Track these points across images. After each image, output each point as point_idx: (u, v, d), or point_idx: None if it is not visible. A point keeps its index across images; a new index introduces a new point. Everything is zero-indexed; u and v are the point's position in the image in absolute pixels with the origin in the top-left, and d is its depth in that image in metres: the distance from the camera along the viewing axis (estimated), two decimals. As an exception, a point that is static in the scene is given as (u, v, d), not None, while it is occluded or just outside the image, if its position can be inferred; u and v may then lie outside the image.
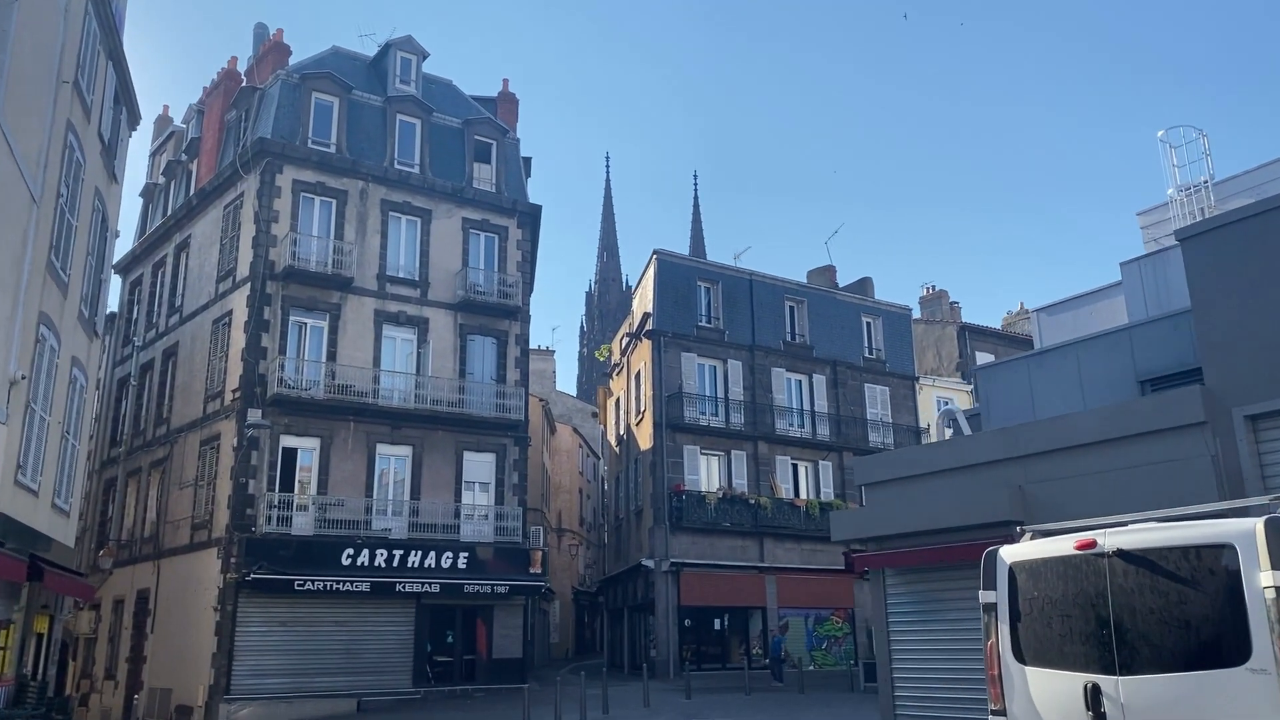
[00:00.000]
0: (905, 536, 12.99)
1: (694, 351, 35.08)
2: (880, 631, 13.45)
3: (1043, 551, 6.89)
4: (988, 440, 12.15)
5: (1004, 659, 6.87)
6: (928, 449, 13.35)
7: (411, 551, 26.96)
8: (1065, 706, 6.23)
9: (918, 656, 12.99)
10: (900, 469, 13.32)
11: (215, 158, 31.38)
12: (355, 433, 27.43)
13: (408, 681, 26.53)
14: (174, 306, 31.88)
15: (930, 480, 12.86)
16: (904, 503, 13.06)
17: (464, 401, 29.00)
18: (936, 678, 12.63)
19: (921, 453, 13.20)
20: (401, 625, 26.89)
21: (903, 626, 13.21)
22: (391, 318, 28.89)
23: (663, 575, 32.10)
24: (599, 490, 63.85)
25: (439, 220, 30.47)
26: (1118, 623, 6.12)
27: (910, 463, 13.22)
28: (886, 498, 13.43)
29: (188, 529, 27.58)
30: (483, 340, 30.36)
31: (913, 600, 13.13)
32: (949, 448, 12.68)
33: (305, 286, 27.63)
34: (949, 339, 44.05)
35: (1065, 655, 6.39)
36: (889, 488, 13.43)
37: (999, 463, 11.98)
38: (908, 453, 13.84)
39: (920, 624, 12.99)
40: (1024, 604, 6.88)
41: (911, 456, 13.34)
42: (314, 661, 25.39)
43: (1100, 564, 6.35)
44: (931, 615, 12.87)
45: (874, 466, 14.11)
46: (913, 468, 13.10)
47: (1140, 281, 18.07)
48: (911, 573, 13.08)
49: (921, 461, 13.01)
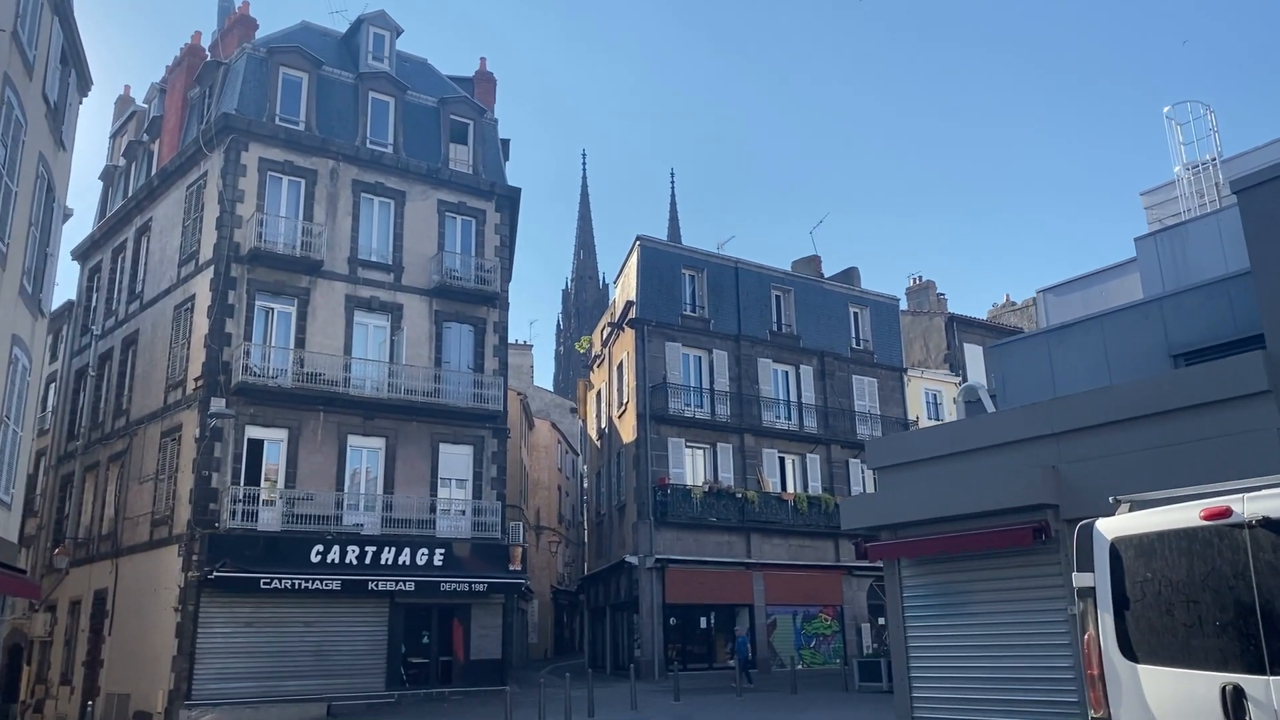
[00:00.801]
0: (923, 524, 11.92)
1: (678, 341, 33.96)
2: (896, 627, 12.38)
3: (1155, 524, 5.69)
4: (1017, 417, 11.11)
5: (1108, 655, 5.70)
6: (948, 429, 12.29)
7: (385, 548, 25.66)
8: (1196, 713, 5.07)
9: (938, 653, 11.93)
10: (917, 450, 12.25)
11: (178, 137, 29.92)
12: (325, 423, 26.09)
13: (381, 684, 25.23)
14: (134, 293, 30.37)
15: (951, 462, 11.79)
16: (922, 487, 11.99)
17: (440, 391, 27.72)
18: (959, 676, 11.58)
19: (941, 433, 12.15)
20: (374, 625, 25.58)
21: (921, 621, 12.15)
22: (363, 303, 27.57)
23: (647, 572, 30.95)
24: (578, 487, 62.63)
25: (413, 202, 29.16)
26: (1266, 609, 5.00)
27: (928, 444, 12.15)
28: (902, 482, 12.36)
29: (147, 525, 26.14)
30: (459, 328, 29.09)
31: (932, 592, 12.07)
32: (972, 426, 11.63)
33: (272, 270, 26.26)
34: (936, 330, 43.19)
35: (1193, 650, 5.24)
36: (905, 471, 12.36)
37: (1030, 441, 10.94)
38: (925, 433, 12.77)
39: (941, 618, 11.92)
40: (1133, 588, 5.69)
41: (930, 437, 12.29)
42: (281, 664, 24.03)
43: (1239, 536, 5.19)
44: (953, 608, 11.81)
45: (888, 449, 13.02)
46: (931, 449, 12.03)
47: (1157, 257, 17.12)
48: (930, 563, 12.02)
49: (941, 442, 11.94)
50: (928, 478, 11.96)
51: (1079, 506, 10.62)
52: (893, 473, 12.49)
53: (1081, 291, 19.50)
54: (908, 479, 12.26)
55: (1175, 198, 23.38)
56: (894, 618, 12.42)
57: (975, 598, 11.52)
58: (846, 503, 12.90)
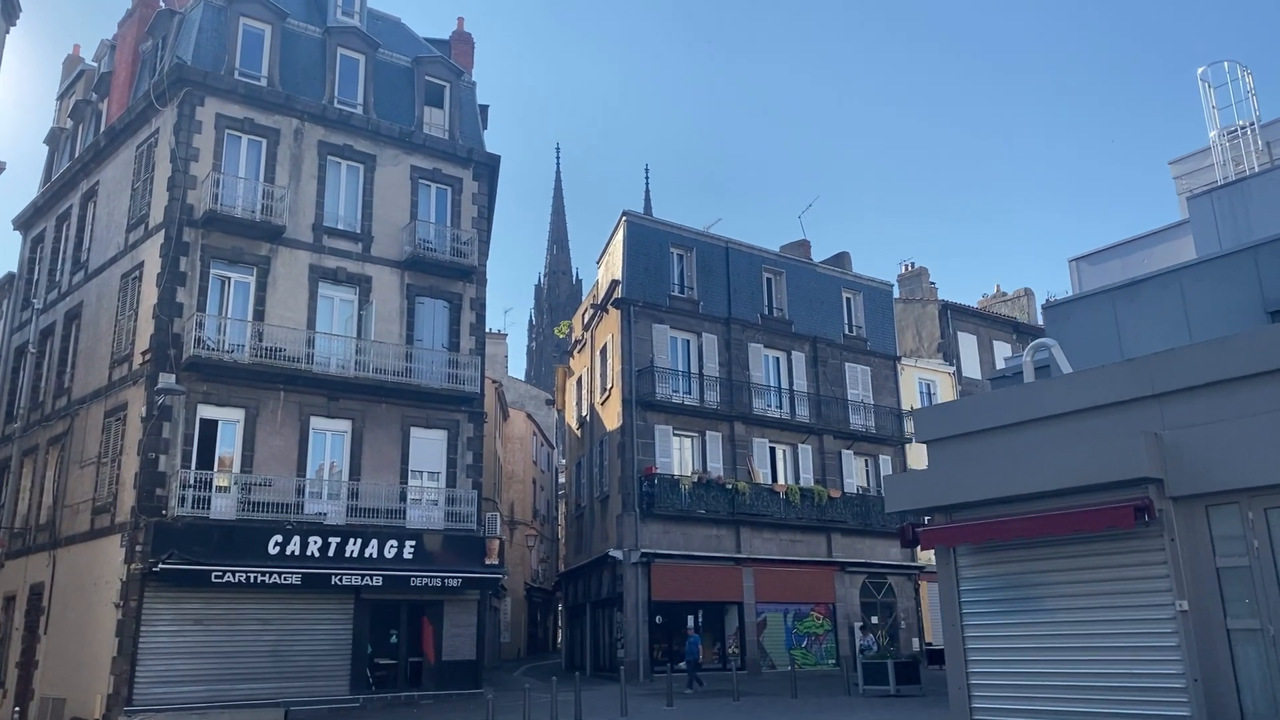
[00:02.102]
0: (987, 505, 10.11)
1: (666, 323, 32.05)
2: (952, 624, 10.56)
3: None
4: (1109, 376, 9.33)
5: None
6: (1017, 393, 10.45)
7: (350, 539, 23.56)
8: None
9: (1005, 657, 10.12)
10: (979, 419, 10.43)
11: (128, 94, 27.56)
12: (286, 403, 23.93)
13: (345, 687, 23.12)
14: (79, 262, 27.99)
15: (1023, 432, 9.99)
16: (986, 462, 10.18)
17: (411, 371, 25.62)
18: (1033, 685, 9.78)
19: (1008, 398, 10.32)
20: (337, 623, 23.46)
21: (983, 619, 10.33)
22: (329, 274, 25.41)
23: (632, 567, 29.02)
24: (553, 482, 60.60)
25: (384, 167, 27.03)
26: None
27: (993, 411, 10.33)
28: (960, 457, 10.54)
29: (88, 514, 23.85)
30: (433, 303, 26.99)
31: (997, 585, 10.26)
32: (1048, 389, 9.83)
33: (229, 236, 24.06)
34: (930, 318, 41.59)
35: None
36: (963, 444, 10.53)
37: (1128, 404, 9.17)
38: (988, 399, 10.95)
39: (1009, 615, 10.12)
40: None
41: (994, 404, 10.47)
42: (234, 666, 21.86)
43: None
44: (1025, 604, 10.00)
45: (941, 419, 11.18)
46: (997, 417, 10.21)
47: (1213, 216, 15.46)
48: (996, 550, 10.21)
49: (1009, 409, 10.13)
50: (993, 451, 10.15)
51: (1187, 481, 8.88)
52: (947, 446, 10.67)
53: (1121, 259, 17.83)
54: (967, 453, 10.44)
55: (1209, 165, 21.81)
56: (949, 615, 10.60)
57: (1054, 591, 9.72)
58: (892, 481, 11.07)
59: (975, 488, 10.11)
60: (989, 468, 10.04)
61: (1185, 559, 8.77)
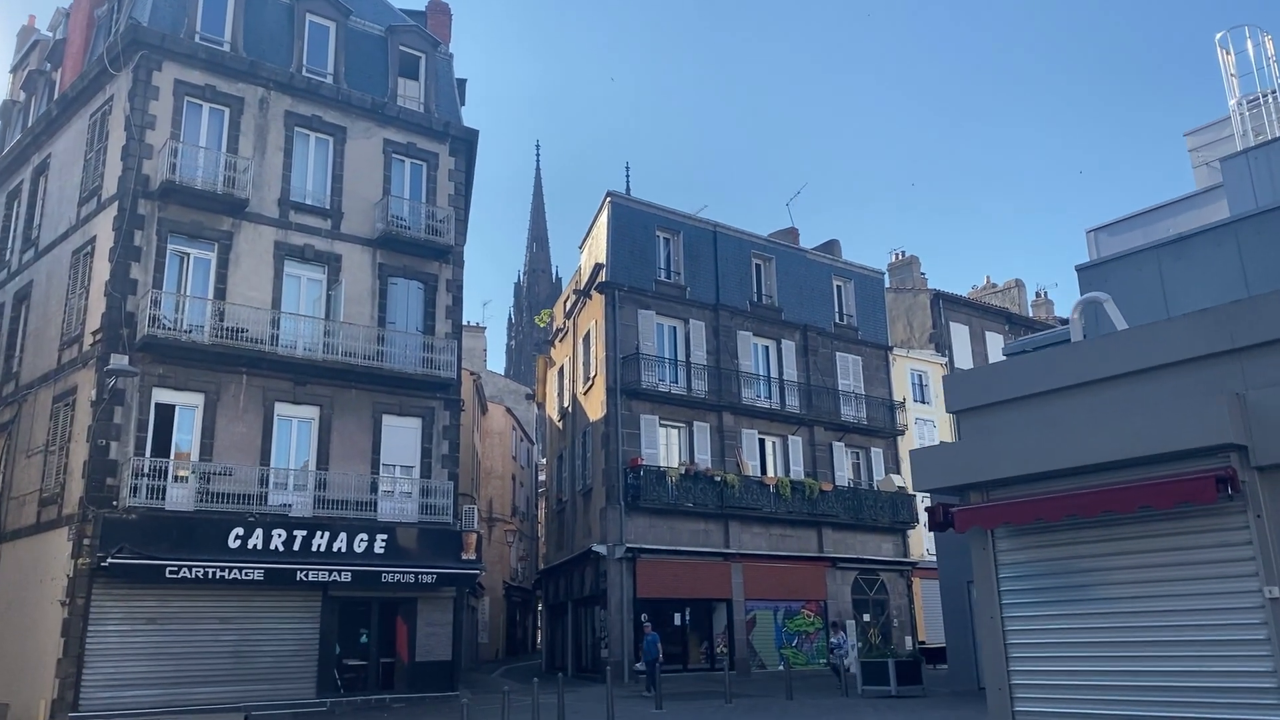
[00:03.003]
0: (1030, 481, 8.84)
1: (652, 309, 30.73)
2: (990, 616, 9.28)
3: None
4: (1181, 330, 8.08)
5: None
6: (1066, 353, 9.17)
7: (317, 532, 22.09)
8: None
9: (1053, 653, 8.86)
10: (1022, 383, 9.15)
11: (82, 61, 25.96)
12: (249, 388, 22.43)
13: (311, 690, 21.64)
14: (29, 240, 26.34)
15: (1075, 396, 8.72)
16: (1030, 432, 8.91)
17: (383, 354, 24.17)
18: (1088, 684, 8.51)
19: (1056, 359, 9.04)
20: (303, 622, 21.97)
21: (1026, 610, 9.06)
22: (296, 252, 23.92)
23: (616, 563, 27.67)
24: (533, 478, 59.12)
25: (355, 140, 25.55)
26: None
27: (1039, 373, 9.04)
28: (999, 426, 9.26)
29: (35, 505, 22.26)
30: (407, 284, 25.55)
31: (1044, 571, 8.99)
32: (1108, 347, 8.57)
33: (188, 209, 22.53)
34: (921, 308, 40.49)
35: None
36: (1002, 412, 9.26)
37: (1201, 361, 7.93)
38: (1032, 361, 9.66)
39: (1058, 605, 8.85)
40: None
41: (1040, 365, 9.18)
42: (191, 668, 20.35)
43: None
44: (1078, 592, 8.73)
45: (976, 385, 9.88)
46: (1044, 380, 8.94)
47: (1249, 177, 14.29)
48: (1042, 532, 8.94)
49: (1058, 370, 8.86)
50: (1039, 419, 8.88)
51: (1277, 447, 7.60)
52: (984, 415, 9.40)
53: (1144, 228, 16.66)
54: (1007, 423, 9.18)
55: (1228, 136, 20.70)
56: (985, 605, 9.33)
57: (1111, 577, 8.45)
58: (920, 455, 9.79)
59: (1018, 461, 8.86)
60: (1034, 438, 8.79)
61: (1274, 538, 7.55)
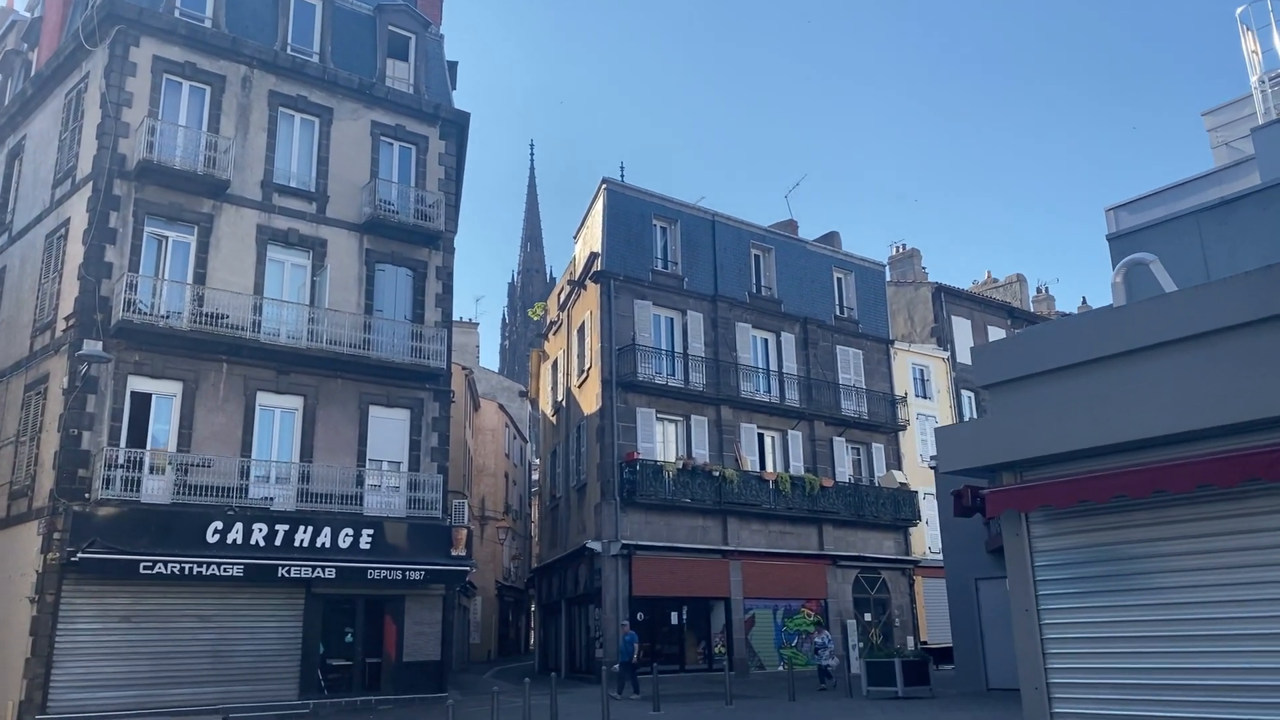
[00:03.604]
0: (1070, 459, 8.01)
1: (649, 300, 29.87)
2: (1025, 610, 8.43)
3: None
4: (1244, 288, 7.27)
5: None
6: (1109, 317, 8.34)
7: (300, 527, 21.20)
8: None
9: (1094, 649, 8.01)
10: (1060, 353, 8.32)
11: (58, 37, 25.03)
12: (230, 376, 21.54)
13: (293, 691, 20.76)
14: (3, 224, 25.39)
15: (1122, 365, 7.88)
16: (1070, 405, 8.08)
17: (370, 343, 23.29)
18: (1139, 684, 7.67)
19: (1099, 324, 8.21)
20: (286, 620, 21.09)
21: (1065, 602, 8.23)
22: (279, 236, 23.03)
23: (612, 560, 26.80)
24: (526, 477, 58.21)
25: (342, 122, 24.68)
26: None
27: (1081, 339, 8.19)
28: (1034, 400, 8.42)
29: (4, 499, 21.35)
30: (395, 270, 24.67)
31: (1085, 559, 8.16)
32: (1161, 309, 7.73)
33: (167, 190, 21.64)
34: (922, 301, 39.69)
35: None
36: (1037, 385, 8.42)
37: (1268, 323, 7.10)
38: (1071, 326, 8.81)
39: (1099, 595, 8.01)
40: None
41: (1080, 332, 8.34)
42: (167, 668, 19.46)
43: None
44: (1121, 582, 7.90)
45: (1008, 355, 9.02)
46: (1086, 348, 8.10)
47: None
48: (1084, 515, 8.10)
49: (1103, 336, 8.02)
50: (1080, 391, 8.05)
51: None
52: (1018, 388, 8.56)
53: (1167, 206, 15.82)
54: (1045, 395, 8.34)
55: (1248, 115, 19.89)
56: (1020, 597, 8.49)
57: (1167, 564, 7.62)
58: (946, 433, 8.96)
59: (1058, 437, 8.03)
60: (1076, 412, 7.96)
61: (1353, 518, 6.76)
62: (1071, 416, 8.10)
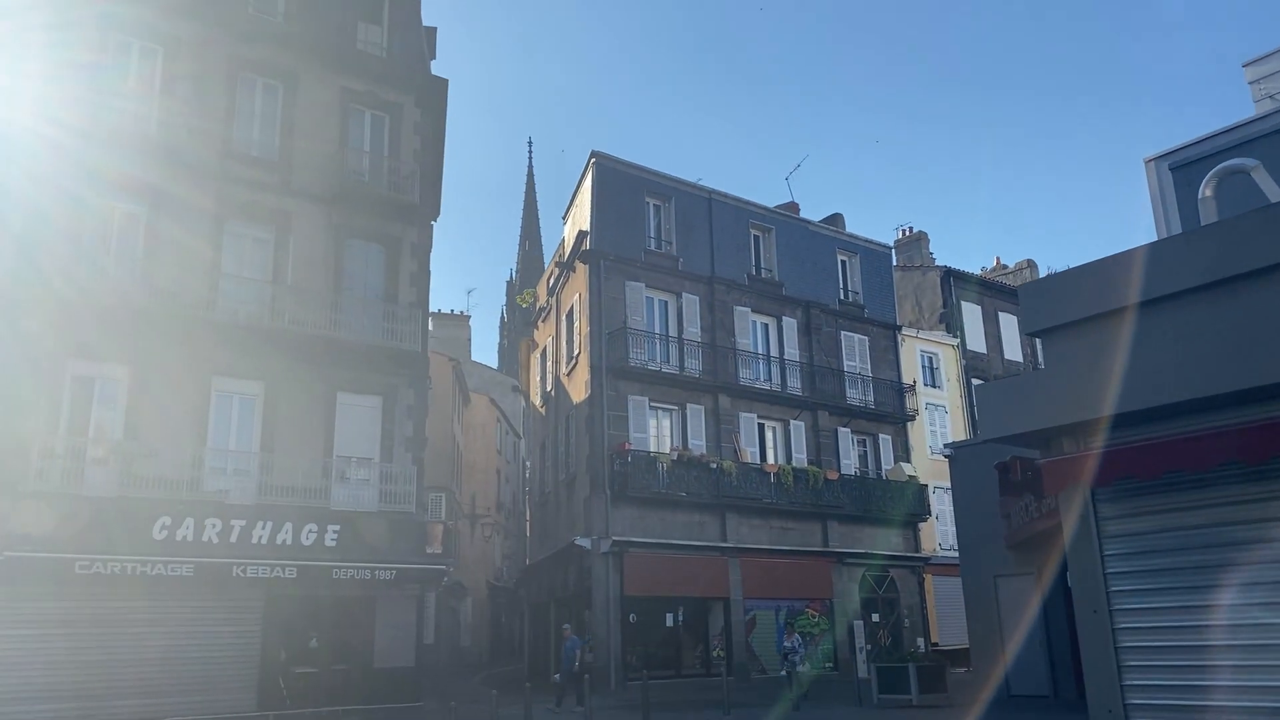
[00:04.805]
0: (1150, 419, 6.29)
1: (641, 281, 28.12)
2: (1091, 610, 6.72)
3: None
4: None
5: None
6: (1206, 238, 6.57)
7: (259, 523, 19.44)
8: None
9: (1176, 660, 6.27)
10: (1139, 284, 6.56)
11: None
12: (183, 359, 19.78)
13: (251, 702, 19.01)
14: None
15: (1223, 296, 6.14)
16: (1154, 349, 6.34)
17: (339, 323, 21.54)
18: (1226, 703, 5.92)
19: (1189, 247, 6.47)
20: (243, 624, 19.33)
21: (1143, 600, 6.50)
22: (239, 208, 21.29)
23: (602, 558, 25.04)
24: (519, 473, 56.45)
25: (309, 87, 22.94)
26: None
27: (1162, 268, 6.45)
28: (1104, 346, 6.68)
29: (-64, 493, 19.55)
30: (366, 246, 22.93)
31: (1168, 546, 6.45)
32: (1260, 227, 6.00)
33: (115, 159, 19.85)
34: (930, 286, 37.93)
35: None
36: (1108, 327, 6.67)
37: None
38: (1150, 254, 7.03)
39: (1186, 593, 6.29)
40: None
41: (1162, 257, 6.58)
42: (110, 678, 17.71)
43: None
44: (1217, 575, 6.17)
45: (1071, 292, 7.19)
46: (1172, 276, 6.35)
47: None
48: (1166, 491, 6.39)
49: (1194, 261, 6.27)
50: (1168, 331, 6.32)
51: None
52: (1081, 334, 6.81)
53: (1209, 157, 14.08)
54: (1117, 339, 6.61)
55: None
56: (1087, 592, 6.78)
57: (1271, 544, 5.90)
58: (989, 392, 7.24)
59: (1138, 390, 6.29)
60: (1160, 357, 6.23)
61: None
62: (1155, 363, 6.36)
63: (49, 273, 18.56)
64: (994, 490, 19.62)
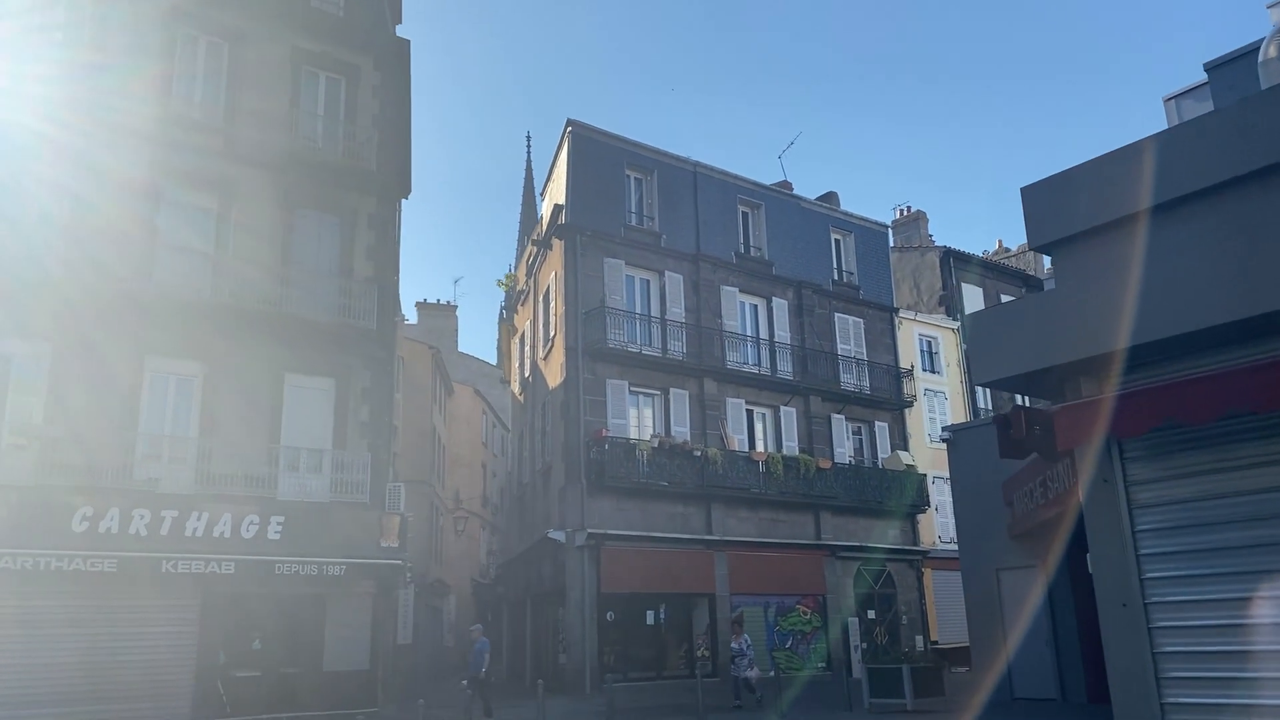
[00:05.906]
0: (1195, 348, 4.70)
1: (621, 258, 26.47)
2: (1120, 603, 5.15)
3: None
4: None
5: None
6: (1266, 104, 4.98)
7: (194, 514, 17.84)
8: None
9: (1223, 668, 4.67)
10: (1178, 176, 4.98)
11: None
12: (114, 336, 18.19)
13: (186, 709, 17.44)
14: None
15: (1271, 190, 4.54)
16: (1201, 255, 4.74)
17: (287, 299, 19.93)
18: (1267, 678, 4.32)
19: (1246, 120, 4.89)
20: (177, 624, 17.73)
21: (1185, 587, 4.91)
22: (179, 175, 19.68)
23: (577, 551, 23.42)
24: (505, 466, 54.86)
25: (256, 46, 21.33)
26: None
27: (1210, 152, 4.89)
28: (1130, 258, 5.09)
29: None
30: (319, 217, 21.31)
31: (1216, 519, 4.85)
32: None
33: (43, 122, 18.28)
34: (929, 268, 36.28)
35: None
36: (1135, 234, 5.09)
37: None
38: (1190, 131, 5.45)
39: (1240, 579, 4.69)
40: None
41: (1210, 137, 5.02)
42: (27, 684, 16.13)
43: None
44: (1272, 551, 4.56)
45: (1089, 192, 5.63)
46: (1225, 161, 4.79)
47: None
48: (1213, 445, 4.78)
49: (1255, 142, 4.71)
50: (1213, 234, 4.73)
51: None
52: (1103, 243, 5.21)
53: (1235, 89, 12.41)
54: (1149, 248, 5.02)
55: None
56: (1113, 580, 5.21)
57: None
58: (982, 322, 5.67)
59: (1180, 311, 4.69)
60: (1211, 269, 4.64)
61: None
62: (1207, 275, 4.74)
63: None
64: (996, 478, 18.01)
